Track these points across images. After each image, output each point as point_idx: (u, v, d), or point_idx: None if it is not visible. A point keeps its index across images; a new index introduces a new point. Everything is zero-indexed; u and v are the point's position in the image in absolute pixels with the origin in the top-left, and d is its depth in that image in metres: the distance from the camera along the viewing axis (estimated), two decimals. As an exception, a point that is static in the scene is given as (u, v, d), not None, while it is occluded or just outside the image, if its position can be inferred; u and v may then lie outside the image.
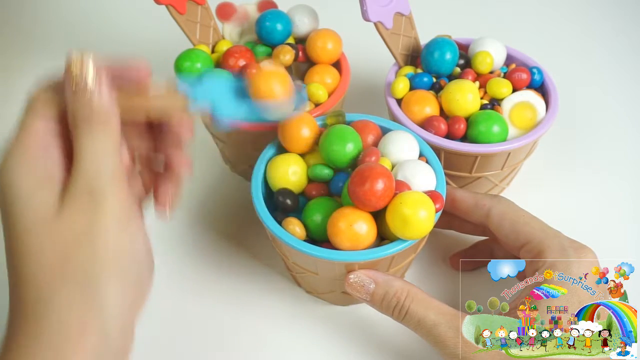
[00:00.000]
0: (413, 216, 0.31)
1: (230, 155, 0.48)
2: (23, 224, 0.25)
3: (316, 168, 0.36)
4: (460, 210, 0.38)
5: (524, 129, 0.41)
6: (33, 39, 0.64)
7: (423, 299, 0.33)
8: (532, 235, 0.34)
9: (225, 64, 0.42)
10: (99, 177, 0.25)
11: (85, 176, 0.25)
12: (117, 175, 0.26)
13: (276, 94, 0.33)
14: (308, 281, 0.39)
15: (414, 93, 0.42)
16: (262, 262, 0.43)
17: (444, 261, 0.43)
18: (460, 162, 0.41)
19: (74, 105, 0.26)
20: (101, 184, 0.25)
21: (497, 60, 0.43)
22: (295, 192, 0.36)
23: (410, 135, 0.37)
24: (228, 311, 0.40)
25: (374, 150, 0.35)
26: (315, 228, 0.34)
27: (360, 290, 0.34)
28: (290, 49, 0.43)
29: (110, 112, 0.26)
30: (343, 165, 0.35)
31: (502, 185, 0.45)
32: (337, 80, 0.44)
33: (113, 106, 0.26)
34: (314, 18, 0.46)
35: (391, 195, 0.32)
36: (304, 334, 0.39)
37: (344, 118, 0.38)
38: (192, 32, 0.44)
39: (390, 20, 0.43)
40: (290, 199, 0.35)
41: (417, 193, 0.32)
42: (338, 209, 0.33)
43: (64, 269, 0.24)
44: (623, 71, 0.59)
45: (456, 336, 0.31)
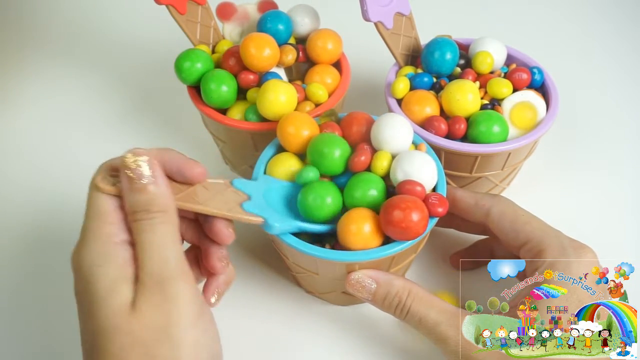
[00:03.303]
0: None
1: (231, 155, 0.48)
2: (103, 322, 0.25)
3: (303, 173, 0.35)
4: (460, 209, 0.38)
5: (524, 129, 0.41)
6: (33, 39, 0.64)
7: (424, 297, 0.33)
8: (532, 234, 0.34)
9: (225, 64, 0.42)
10: (165, 268, 0.26)
11: (152, 269, 0.26)
12: (182, 264, 0.27)
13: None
14: (308, 281, 0.39)
15: (414, 93, 0.42)
16: (262, 262, 0.43)
17: (444, 261, 0.43)
18: (460, 162, 0.41)
19: (132, 197, 0.26)
20: (168, 275, 0.26)
21: (497, 60, 0.43)
22: None
23: (400, 117, 0.36)
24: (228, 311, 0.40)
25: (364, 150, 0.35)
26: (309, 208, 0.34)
27: (362, 290, 0.34)
28: (293, 49, 0.43)
29: (168, 200, 0.27)
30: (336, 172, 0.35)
31: (503, 185, 0.45)
32: (337, 80, 0.44)
33: (170, 195, 0.27)
34: (315, 18, 0.46)
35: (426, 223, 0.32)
36: (304, 334, 0.39)
37: (336, 117, 0.38)
38: (193, 32, 0.44)
39: (391, 20, 0.43)
40: None
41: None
42: (349, 212, 0.33)
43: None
44: (623, 71, 0.59)
45: (457, 335, 0.31)
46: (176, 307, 0.25)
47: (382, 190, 0.34)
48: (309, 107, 0.41)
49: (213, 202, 0.30)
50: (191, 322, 0.26)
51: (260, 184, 0.34)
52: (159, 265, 0.26)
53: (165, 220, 0.27)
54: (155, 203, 0.26)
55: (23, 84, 0.59)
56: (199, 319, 0.26)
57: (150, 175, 0.27)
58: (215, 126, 0.44)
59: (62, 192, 0.47)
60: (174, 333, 0.25)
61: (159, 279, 0.26)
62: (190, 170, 0.29)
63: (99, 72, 0.60)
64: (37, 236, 0.45)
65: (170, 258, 0.26)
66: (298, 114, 0.37)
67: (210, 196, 0.30)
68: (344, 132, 0.37)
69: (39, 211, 0.47)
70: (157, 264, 0.26)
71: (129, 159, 0.27)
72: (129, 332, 0.25)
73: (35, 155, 0.52)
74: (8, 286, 0.42)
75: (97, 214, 0.27)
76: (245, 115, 0.41)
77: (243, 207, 0.31)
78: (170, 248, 0.26)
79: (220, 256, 0.31)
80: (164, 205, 0.27)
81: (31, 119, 0.55)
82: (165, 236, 0.26)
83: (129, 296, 0.25)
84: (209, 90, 0.41)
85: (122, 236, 0.27)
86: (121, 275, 0.26)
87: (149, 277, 0.26)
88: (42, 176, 0.50)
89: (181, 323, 0.25)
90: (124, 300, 0.25)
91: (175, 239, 0.27)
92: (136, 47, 0.62)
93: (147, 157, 0.27)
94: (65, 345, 0.36)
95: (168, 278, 0.26)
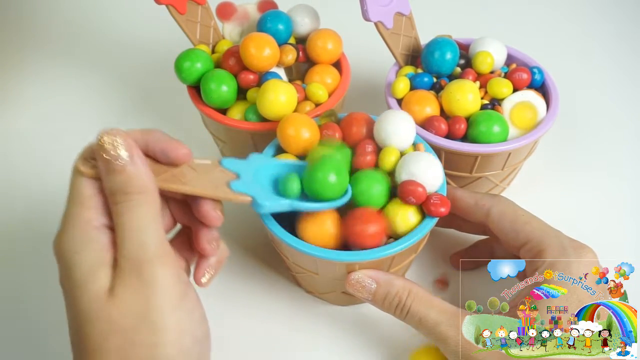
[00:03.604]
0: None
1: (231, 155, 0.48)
2: (82, 303, 0.25)
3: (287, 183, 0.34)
4: (460, 209, 0.38)
5: (524, 129, 0.41)
6: (33, 39, 0.64)
7: (424, 297, 0.33)
8: (532, 234, 0.34)
9: (225, 64, 0.42)
10: (143, 251, 0.25)
11: (129, 253, 0.25)
12: (162, 246, 0.26)
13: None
14: (308, 281, 0.39)
15: (414, 93, 0.42)
16: (262, 262, 0.43)
17: (444, 261, 0.43)
18: (460, 162, 0.41)
19: (110, 179, 0.26)
20: (146, 258, 0.25)
21: (497, 60, 0.43)
22: None
23: (402, 112, 0.36)
24: (228, 311, 0.40)
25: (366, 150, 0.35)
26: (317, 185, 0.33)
27: (362, 290, 0.34)
28: (293, 49, 0.43)
29: (146, 181, 0.26)
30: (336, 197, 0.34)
31: (503, 185, 0.45)
32: (337, 80, 0.44)
33: (149, 175, 0.26)
34: (315, 18, 0.46)
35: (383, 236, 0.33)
36: (304, 334, 0.39)
37: (336, 117, 0.38)
38: (192, 32, 0.44)
39: (391, 20, 0.43)
40: None
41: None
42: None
43: (128, 355, 0.24)
44: (623, 72, 0.59)
45: (457, 334, 0.31)
46: (154, 291, 0.25)
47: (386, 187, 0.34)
48: (309, 107, 0.41)
49: (198, 182, 0.29)
50: (172, 305, 0.25)
51: (250, 162, 0.33)
52: (136, 248, 0.25)
53: (144, 201, 0.26)
54: (132, 184, 0.26)
55: (23, 84, 0.59)
56: (181, 302, 0.26)
57: (127, 155, 0.26)
58: (215, 126, 0.44)
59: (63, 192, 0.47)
60: (154, 318, 0.25)
61: (136, 263, 0.25)
62: (175, 151, 0.28)
63: (99, 72, 0.60)
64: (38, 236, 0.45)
65: (148, 241, 0.25)
66: (298, 115, 0.37)
67: (196, 176, 0.29)
68: (344, 133, 0.37)
69: (39, 211, 0.47)
70: (134, 247, 0.25)
71: (105, 140, 0.26)
72: (107, 319, 0.24)
73: (35, 155, 0.52)
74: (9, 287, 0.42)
75: (78, 199, 0.26)
76: (245, 115, 0.41)
77: (231, 187, 0.30)
78: (148, 230, 0.26)
79: (209, 238, 0.31)
80: (142, 186, 0.26)
81: (31, 119, 0.55)
82: (144, 218, 0.26)
83: (107, 282, 0.25)
84: (209, 90, 0.41)
85: (102, 220, 0.26)
86: (99, 260, 0.25)
87: (127, 261, 0.25)
88: (42, 176, 0.50)
89: (160, 307, 0.25)
90: (102, 287, 0.25)
91: (154, 220, 0.26)
92: (136, 47, 0.62)
93: (123, 138, 0.26)
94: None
95: (146, 261, 0.25)
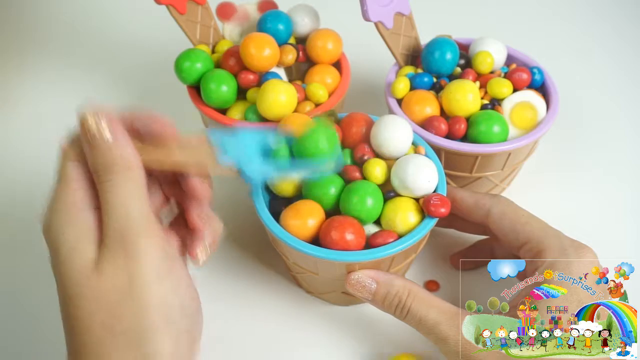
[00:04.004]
0: None
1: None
2: (67, 280, 0.25)
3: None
4: (460, 209, 0.38)
5: (524, 129, 0.41)
6: (33, 38, 0.64)
7: (424, 297, 0.33)
8: (532, 234, 0.34)
9: (225, 64, 0.42)
10: (128, 226, 0.25)
11: (114, 226, 0.25)
12: (147, 220, 0.26)
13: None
14: (308, 281, 0.39)
15: (414, 93, 0.42)
16: (263, 262, 0.43)
17: (444, 261, 0.43)
18: (460, 162, 0.41)
19: (94, 157, 0.26)
20: (131, 232, 0.25)
21: (497, 60, 0.43)
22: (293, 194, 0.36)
23: (399, 119, 0.36)
24: (228, 311, 0.40)
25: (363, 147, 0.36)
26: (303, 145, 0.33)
27: (362, 290, 0.34)
28: (293, 49, 0.43)
29: (130, 158, 0.26)
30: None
31: (503, 185, 0.45)
32: (337, 80, 0.44)
33: (133, 152, 0.26)
34: (315, 18, 0.46)
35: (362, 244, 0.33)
36: (304, 334, 0.39)
37: (336, 117, 0.38)
38: (193, 32, 0.44)
39: (391, 20, 0.43)
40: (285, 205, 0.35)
41: None
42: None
43: (114, 330, 0.24)
44: (623, 72, 0.59)
45: (457, 334, 0.31)
46: (139, 264, 0.25)
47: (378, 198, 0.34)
48: (309, 107, 0.41)
49: (184, 157, 0.29)
50: (158, 278, 0.25)
51: (237, 135, 0.32)
52: (120, 223, 0.25)
53: (129, 177, 0.26)
54: (116, 162, 0.26)
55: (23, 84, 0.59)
56: (168, 275, 0.26)
57: (110, 133, 0.26)
58: (216, 126, 0.44)
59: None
60: (138, 292, 0.25)
61: (121, 237, 0.25)
62: (159, 127, 0.28)
63: (99, 72, 0.60)
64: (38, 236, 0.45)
65: (132, 215, 0.25)
66: (297, 116, 0.37)
67: (182, 152, 0.29)
68: (344, 133, 0.37)
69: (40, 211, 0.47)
70: (119, 222, 0.25)
71: (87, 119, 0.26)
72: (92, 293, 0.24)
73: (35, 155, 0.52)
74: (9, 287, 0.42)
75: (64, 180, 0.26)
76: (245, 115, 0.41)
77: (218, 160, 0.30)
78: (133, 205, 0.26)
79: (199, 212, 0.30)
80: (126, 163, 0.26)
81: (31, 119, 0.55)
82: (129, 194, 0.26)
83: (92, 257, 0.25)
84: (209, 90, 0.41)
85: (88, 201, 0.26)
86: (85, 238, 0.25)
87: (112, 235, 0.25)
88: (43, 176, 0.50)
89: (145, 279, 0.25)
90: (87, 262, 0.25)
91: (139, 196, 0.26)
92: (136, 47, 0.62)
93: (106, 116, 0.26)
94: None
95: (131, 235, 0.25)
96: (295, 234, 0.33)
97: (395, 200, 0.34)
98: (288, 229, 0.33)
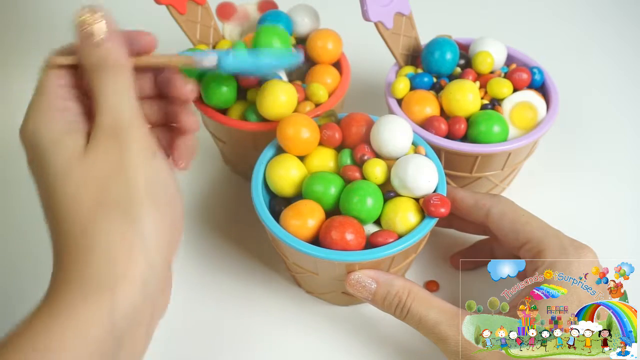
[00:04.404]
0: None
1: (231, 155, 0.48)
2: (54, 170, 0.26)
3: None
4: (460, 210, 0.38)
5: (524, 129, 0.41)
6: (33, 38, 0.64)
7: (424, 297, 0.33)
8: (532, 234, 0.34)
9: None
10: (121, 111, 0.27)
11: (108, 113, 0.27)
12: (137, 112, 0.27)
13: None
14: (308, 281, 0.39)
15: (414, 93, 0.42)
16: (263, 262, 0.43)
17: (444, 261, 0.43)
18: (460, 162, 0.41)
19: (89, 54, 0.27)
20: (124, 118, 0.27)
21: (497, 60, 0.43)
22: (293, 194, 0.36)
23: (398, 119, 0.36)
24: (228, 311, 0.40)
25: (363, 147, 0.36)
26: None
27: (362, 290, 0.34)
28: (292, 49, 0.43)
29: (123, 55, 0.28)
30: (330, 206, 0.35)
31: (503, 185, 0.45)
32: (337, 80, 0.44)
33: (125, 51, 0.28)
34: (315, 18, 0.46)
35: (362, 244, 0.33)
36: (304, 334, 0.39)
37: (336, 118, 0.38)
38: (192, 32, 0.44)
39: (391, 20, 0.43)
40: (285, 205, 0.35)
41: None
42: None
43: (102, 202, 0.25)
44: (623, 72, 0.59)
45: (457, 334, 0.31)
46: (129, 148, 0.26)
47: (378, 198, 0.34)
48: (309, 107, 0.41)
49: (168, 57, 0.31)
50: (144, 160, 0.26)
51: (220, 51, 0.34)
52: (113, 112, 0.27)
53: (120, 72, 0.27)
54: (110, 57, 0.27)
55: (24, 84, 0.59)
56: (152, 159, 0.27)
57: (106, 30, 0.27)
58: (215, 126, 0.44)
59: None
60: (128, 170, 0.26)
61: (113, 124, 0.26)
62: (142, 38, 0.30)
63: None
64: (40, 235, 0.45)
65: (125, 105, 0.27)
66: (298, 115, 0.37)
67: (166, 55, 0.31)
68: (344, 133, 0.37)
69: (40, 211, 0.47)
70: (111, 111, 0.27)
71: (86, 16, 0.27)
72: (80, 174, 0.25)
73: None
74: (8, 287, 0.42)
75: (44, 89, 0.28)
76: (245, 115, 0.41)
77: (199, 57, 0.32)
78: (125, 97, 0.27)
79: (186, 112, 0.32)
80: (118, 59, 0.27)
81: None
82: (121, 87, 0.27)
83: (79, 145, 0.26)
84: (209, 90, 0.41)
85: (67, 105, 0.28)
86: (68, 129, 0.27)
87: (104, 123, 0.26)
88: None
89: (133, 160, 0.26)
90: (73, 148, 0.26)
91: (130, 89, 0.27)
92: (136, 47, 0.62)
93: (103, 14, 0.28)
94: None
95: (122, 122, 0.26)
96: (295, 234, 0.33)
97: (395, 200, 0.34)
98: (288, 229, 0.34)
